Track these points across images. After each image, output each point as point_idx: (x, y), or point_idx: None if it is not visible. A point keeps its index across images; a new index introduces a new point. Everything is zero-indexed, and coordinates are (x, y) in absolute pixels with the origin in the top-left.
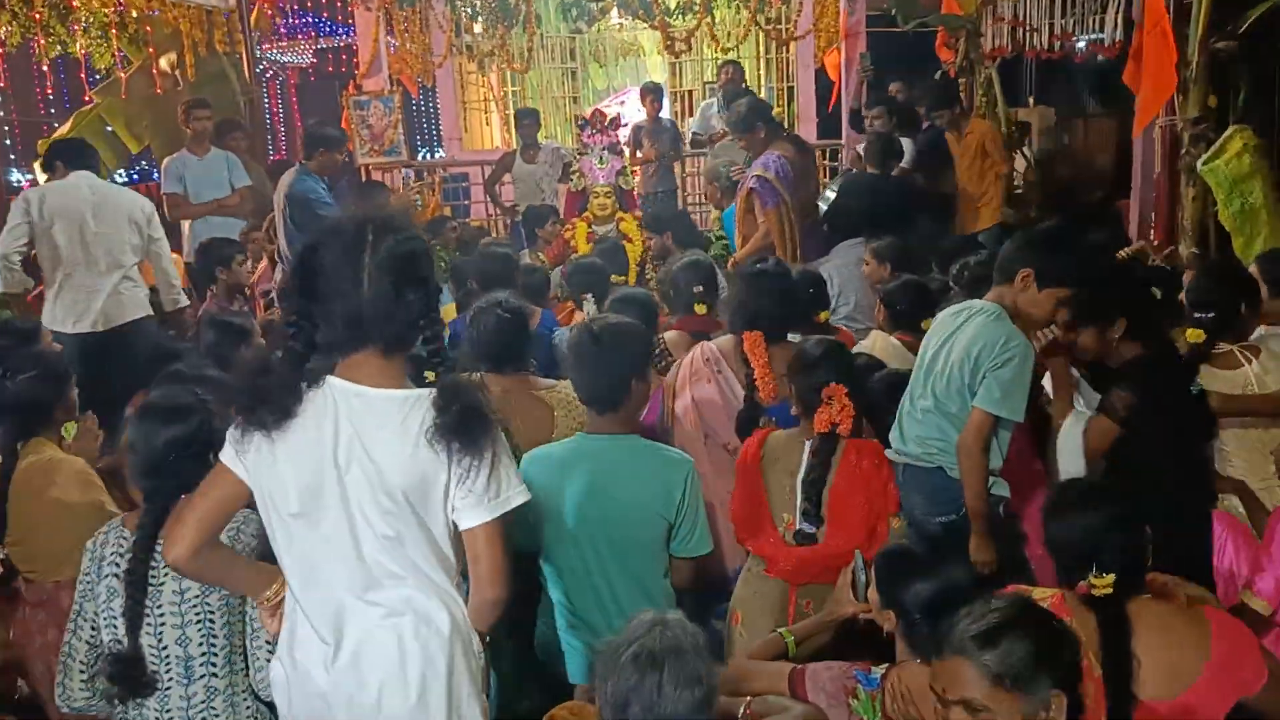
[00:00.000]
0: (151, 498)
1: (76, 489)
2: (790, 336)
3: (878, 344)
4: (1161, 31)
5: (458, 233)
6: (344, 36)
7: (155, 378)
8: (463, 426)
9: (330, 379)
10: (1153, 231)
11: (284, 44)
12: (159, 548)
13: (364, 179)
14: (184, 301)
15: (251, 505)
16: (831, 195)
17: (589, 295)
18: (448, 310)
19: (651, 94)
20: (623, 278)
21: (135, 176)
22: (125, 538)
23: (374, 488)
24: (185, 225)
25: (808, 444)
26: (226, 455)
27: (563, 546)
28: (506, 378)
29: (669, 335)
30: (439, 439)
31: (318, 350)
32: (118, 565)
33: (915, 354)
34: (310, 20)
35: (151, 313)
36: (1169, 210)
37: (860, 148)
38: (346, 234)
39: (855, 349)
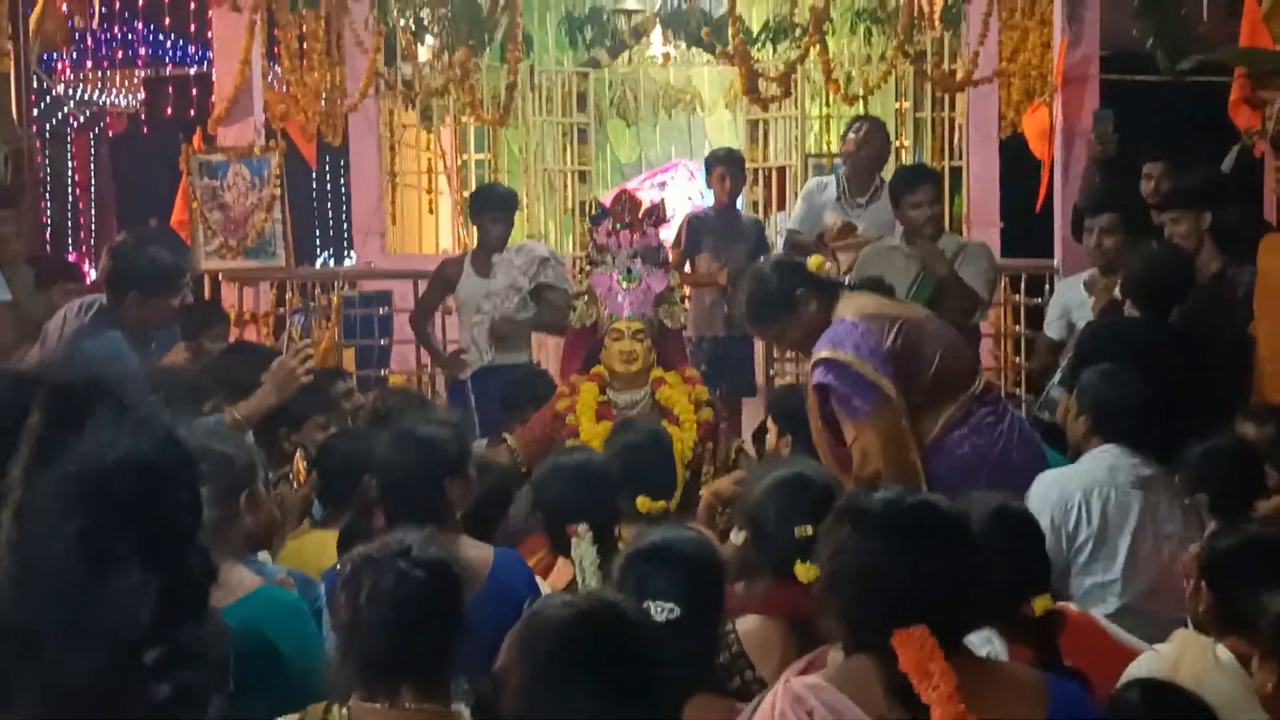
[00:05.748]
0: None
1: None
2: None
3: (1187, 658)
4: None
5: (355, 403)
6: (195, 65)
7: None
8: None
9: None
10: None
11: (91, 74)
12: None
13: (202, 298)
14: None
15: None
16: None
17: (582, 528)
18: (314, 541)
19: (724, 166)
20: (661, 503)
21: None
22: None
23: None
24: None
25: None
26: None
27: None
28: (401, 713)
29: (745, 625)
30: None
31: None
32: None
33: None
34: (146, 36)
35: None
36: None
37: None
38: None
39: (1139, 664)
